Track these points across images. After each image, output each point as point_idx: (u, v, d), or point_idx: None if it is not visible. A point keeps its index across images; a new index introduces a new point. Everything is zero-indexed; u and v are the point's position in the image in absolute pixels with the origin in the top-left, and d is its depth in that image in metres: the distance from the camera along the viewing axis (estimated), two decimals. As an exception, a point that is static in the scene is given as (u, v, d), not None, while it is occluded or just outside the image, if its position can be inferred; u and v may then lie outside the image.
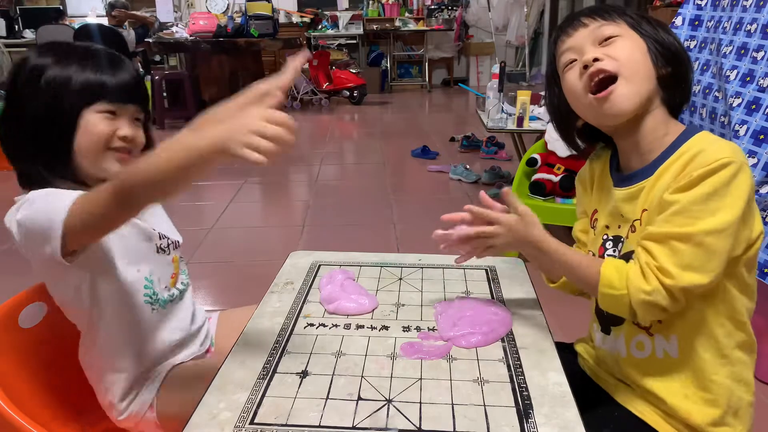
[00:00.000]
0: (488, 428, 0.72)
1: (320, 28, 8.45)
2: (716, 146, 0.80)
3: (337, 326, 0.97)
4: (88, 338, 1.02)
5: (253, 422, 0.73)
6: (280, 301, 1.07)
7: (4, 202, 1.00)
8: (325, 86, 7.39)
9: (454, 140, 5.17)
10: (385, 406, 0.76)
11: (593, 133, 0.97)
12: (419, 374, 0.83)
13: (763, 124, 1.58)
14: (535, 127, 3.02)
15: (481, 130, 3.87)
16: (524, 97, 2.97)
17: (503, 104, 3.17)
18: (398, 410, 0.75)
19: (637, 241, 0.86)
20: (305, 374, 0.83)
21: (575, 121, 0.96)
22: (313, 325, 0.98)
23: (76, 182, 0.96)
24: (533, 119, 3.08)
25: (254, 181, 4.23)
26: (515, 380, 0.81)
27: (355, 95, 7.47)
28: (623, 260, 0.87)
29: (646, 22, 0.90)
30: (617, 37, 0.88)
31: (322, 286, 1.09)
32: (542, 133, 2.83)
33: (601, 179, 1.00)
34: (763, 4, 1.66)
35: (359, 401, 0.77)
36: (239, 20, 6.68)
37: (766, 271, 1.55)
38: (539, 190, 2.60)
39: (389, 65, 8.93)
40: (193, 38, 6.49)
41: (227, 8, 7.28)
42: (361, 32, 8.55)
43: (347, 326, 0.97)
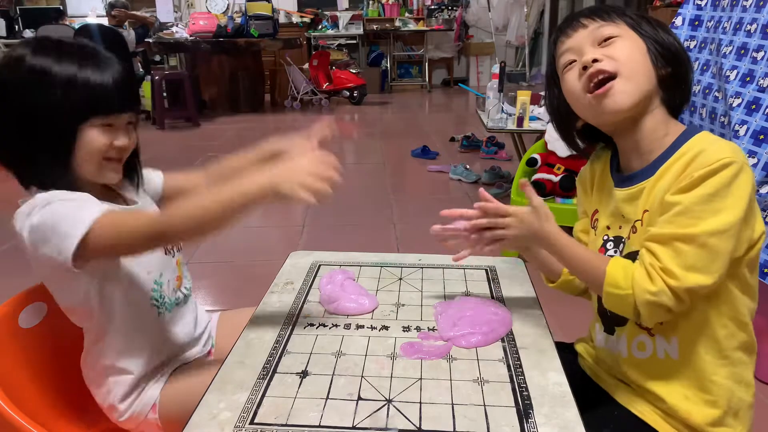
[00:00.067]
0: (488, 428, 0.72)
1: (320, 28, 8.45)
2: (717, 146, 0.80)
3: (337, 326, 0.97)
4: (92, 340, 1.01)
5: (253, 422, 0.73)
6: (280, 301, 1.07)
7: (4, 202, 1.00)
8: (325, 86, 7.39)
9: (454, 140, 5.17)
10: (385, 406, 0.76)
11: (593, 133, 0.97)
12: (419, 374, 0.83)
13: (763, 124, 1.58)
14: (535, 127, 3.03)
15: (481, 130, 3.87)
16: (524, 97, 2.97)
17: (503, 104, 3.17)
18: (398, 410, 0.75)
19: (640, 242, 0.86)
20: (305, 374, 0.83)
21: (575, 121, 0.96)
22: (313, 325, 0.98)
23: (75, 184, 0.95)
24: (533, 119, 3.08)
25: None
26: (515, 380, 0.81)
27: (355, 95, 7.47)
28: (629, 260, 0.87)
29: (645, 22, 0.90)
30: (617, 37, 0.87)
31: (322, 286, 1.09)
32: (542, 133, 2.83)
33: (601, 180, 1.00)
34: (763, 4, 1.66)
35: (359, 401, 0.77)
36: (239, 20, 6.69)
37: (766, 271, 1.55)
38: (539, 190, 2.60)
39: (389, 65, 8.93)
40: (193, 38, 6.50)
41: (227, 8, 7.29)
42: (361, 32, 8.56)
43: (347, 326, 0.97)
